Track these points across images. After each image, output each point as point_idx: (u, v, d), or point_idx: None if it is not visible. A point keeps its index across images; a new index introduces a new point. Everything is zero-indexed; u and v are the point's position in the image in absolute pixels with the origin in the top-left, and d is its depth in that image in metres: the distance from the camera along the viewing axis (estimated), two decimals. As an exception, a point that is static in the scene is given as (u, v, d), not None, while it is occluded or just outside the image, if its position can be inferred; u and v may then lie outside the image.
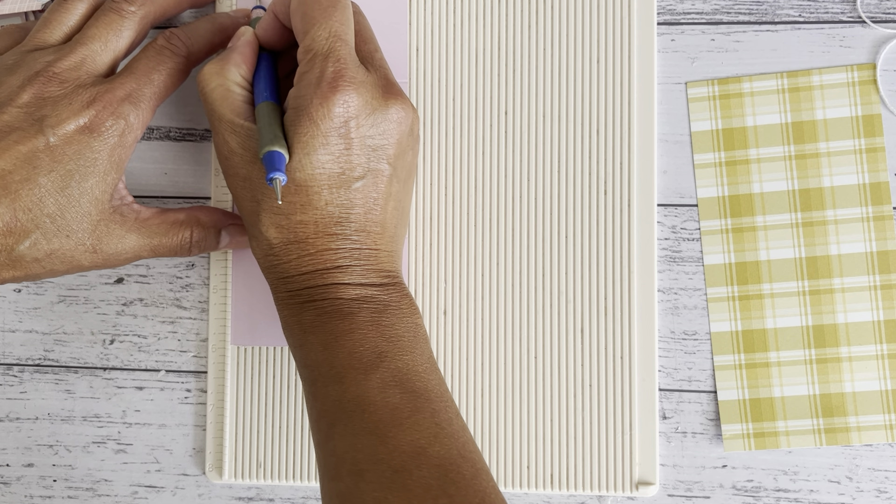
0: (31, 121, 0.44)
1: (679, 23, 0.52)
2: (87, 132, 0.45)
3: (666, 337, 0.51)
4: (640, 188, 0.51)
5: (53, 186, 0.44)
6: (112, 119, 0.45)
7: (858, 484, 0.50)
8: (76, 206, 0.45)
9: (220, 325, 0.53)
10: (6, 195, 0.43)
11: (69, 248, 0.45)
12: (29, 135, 0.44)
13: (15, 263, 0.45)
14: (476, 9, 0.52)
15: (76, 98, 0.45)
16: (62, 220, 0.45)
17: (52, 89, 0.45)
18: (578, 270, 0.51)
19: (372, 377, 0.43)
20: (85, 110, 0.45)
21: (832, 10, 0.51)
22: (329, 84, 0.43)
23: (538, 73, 0.51)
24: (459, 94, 0.52)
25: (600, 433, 0.51)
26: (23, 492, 0.55)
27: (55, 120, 0.44)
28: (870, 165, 0.50)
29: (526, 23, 0.52)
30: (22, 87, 0.45)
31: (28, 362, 0.55)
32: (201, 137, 0.54)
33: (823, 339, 0.50)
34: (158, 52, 0.47)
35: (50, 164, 0.44)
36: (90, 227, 0.46)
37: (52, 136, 0.44)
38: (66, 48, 0.46)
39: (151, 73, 0.47)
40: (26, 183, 0.43)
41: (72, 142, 0.44)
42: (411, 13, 0.52)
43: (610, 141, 0.51)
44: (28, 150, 0.44)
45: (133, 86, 0.46)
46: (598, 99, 0.51)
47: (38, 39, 0.47)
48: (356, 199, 0.44)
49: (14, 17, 0.54)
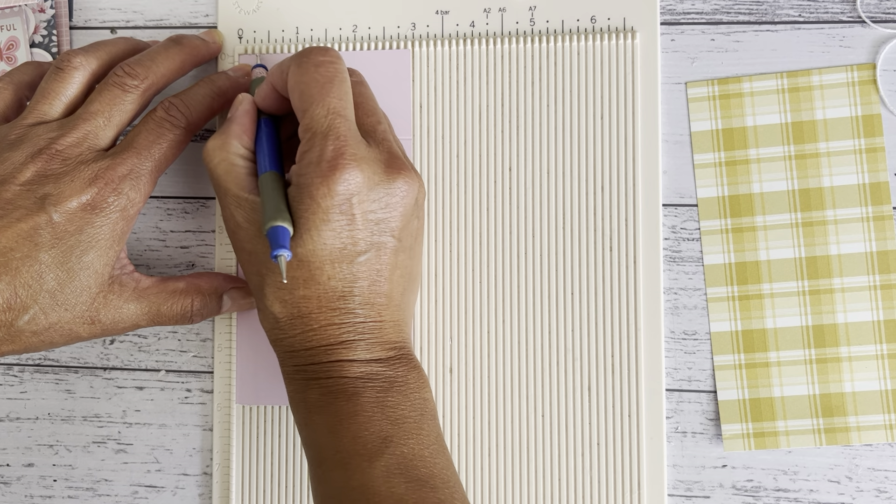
0: (33, 198, 0.44)
1: (679, 23, 0.52)
2: (90, 209, 0.45)
3: (666, 337, 0.51)
4: (646, 244, 0.51)
5: (54, 262, 0.44)
6: (114, 196, 0.45)
7: (858, 484, 0.50)
8: (76, 280, 0.45)
9: (224, 384, 0.53)
10: (6, 272, 0.43)
11: (68, 320, 0.45)
12: (31, 212, 0.44)
13: (14, 338, 0.45)
14: (478, 65, 0.52)
15: (78, 175, 0.45)
16: (62, 295, 0.45)
17: (55, 167, 0.45)
18: (585, 326, 0.51)
19: (377, 465, 0.42)
20: (87, 188, 0.45)
21: (832, 10, 0.51)
22: (329, 163, 0.42)
23: (540, 129, 0.51)
24: (462, 151, 0.52)
25: (609, 495, 0.50)
26: (23, 491, 0.55)
27: (58, 197, 0.44)
28: (869, 165, 0.50)
29: (528, 79, 0.52)
30: (24, 164, 0.45)
31: (28, 362, 0.55)
32: (201, 138, 0.54)
33: (823, 339, 0.50)
34: (158, 125, 0.47)
35: (51, 240, 0.44)
36: (89, 300, 0.46)
37: (55, 213, 0.44)
38: (69, 124, 0.46)
39: (152, 148, 0.47)
40: (27, 259, 0.44)
41: (74, 219, 0.44)
42: (414, 70, 0.52)
43: (615, 200, 0.51)
44: (30, 228, 0.44)
45: (134, 161, 0.46)
46: (604, 154, 0.51)
47: (39, 112, 0.47)
48: (360, 272, 0.44)
49: (11, 14, 0.54)
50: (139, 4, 0.55)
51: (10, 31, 0.54)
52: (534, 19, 0.52)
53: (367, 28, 0.53)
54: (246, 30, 0.53)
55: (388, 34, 0.53)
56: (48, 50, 0.54)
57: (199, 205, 0.54)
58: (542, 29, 0.52)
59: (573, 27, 0.52)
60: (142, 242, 0.54)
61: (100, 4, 0.55)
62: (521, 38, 0.52)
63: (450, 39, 0.52)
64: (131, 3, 0.55)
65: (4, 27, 0.54)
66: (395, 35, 0.53)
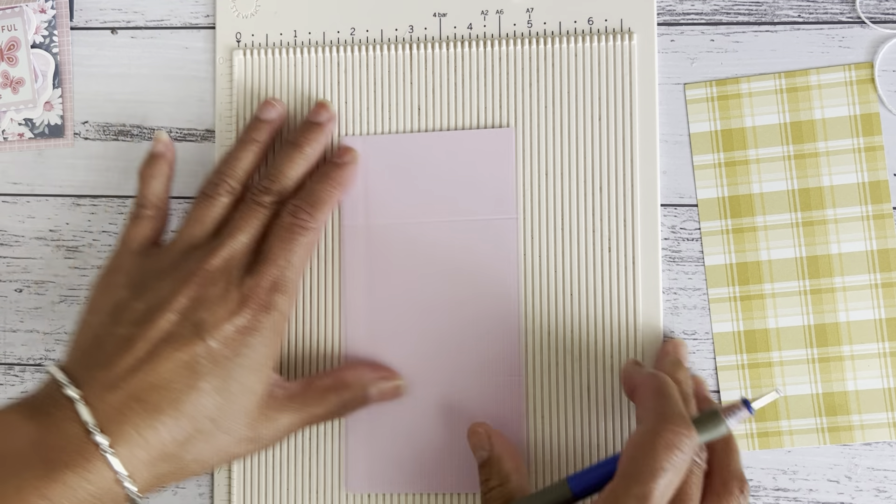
0: (188, 325, 0.45)
1: (678, 23, 0.52)
2: (244, 331, 0.45)
3: (666, 337, 0.51)
4: (644, 245, 0.51)
5: (214, 389, 0.44)
6: (264, 314, 0.46)
7: (858, 483, 0.50)
8: (235, 404, 0.45)
9: None
10: (170, 405, 0.43)
11: (228, 443, 0.45)
12: (189, 341, 0.44)
13: (181, 470, 0.45)
14: (476, 68, 0.52)
15: (229, 297, 0.45)
16: (223, 421, 0.45)
17: (205, 291, 0.45)
18: (585, 326, 0.51)
19: None
20: (239, 310, 0.45)
21: (831, 10, 0.51)
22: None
23: (539, 130, 0.52)
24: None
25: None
26: (23, 492, 0.55)
27: (212, 324, 0.45)
28: (869, 164, 0.50)
29: (526, 80, 0.52)
30: (177, 290, 0.45)
31: (29, 362, 0.55)
32: (201, 138, 0.55)
33: (825, 338, 0.50)
34: (289, 231, 0.48)
35: (210, 367, 0.44)
36: (249, 420, 0.46)
37: (211, 340, 0.44)
38: (216, 245, 0.47)
39: (289, 256, 0.47)
40: (188, 390, 0.44)
41: (230, 343, 0.45)
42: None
43: (614, 201, 0.51)
44: (189, 357, 0.44)
45: (276, 273, 0.47)
46: (602, 155, 0.51)
47: (188, 236, 0.48)
48: None
49: (11, 14, 0.54)
50: (139, 5, 0.55)
51: (10, 32, 0.55)
52: (531, 21, 0.52)
53: (365, 31, 0.53)
54: (244, 33, 0.54)
55: (385, 37, 0.53)
56: (49, 50, 0.55)
57: (200, 205, 0.54)
58: (540, 31, 0.52)
59: (570, 28, 0.52)
60: None
61: (100, 5, 0.55)
62: (518, 40, 0.52)
63: (447, 42, 0.52)
64: (132, 4, 0.55)
65: (5, 27, 0.55)
66: (392, 38, 0.53)
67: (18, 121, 0.55)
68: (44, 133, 0.55)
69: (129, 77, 0.55)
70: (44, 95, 0.55)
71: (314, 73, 0.53)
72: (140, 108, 0.55)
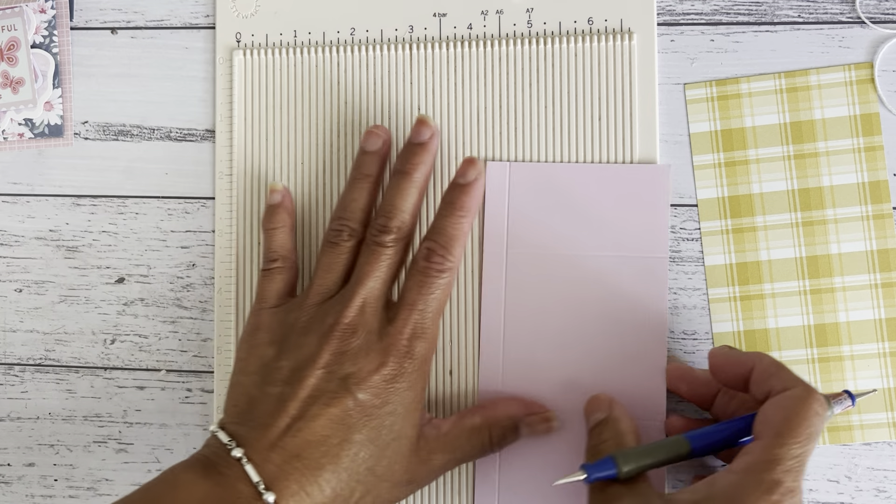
0: (335, 380, 0.45)
1: (678, 23, 0.52)
2: (390, 380, 0.46)
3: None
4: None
5: (368, 439, 0.45)
6: (408, 360, 0.46)
7: (857, 483, 0.50)
8: (390, 451, 0.46)
9: (224, 384, 0.53)
10: (329, 461, 0.44)
11: (388, 489, 0.46)
12: (338, 396, 0.45)
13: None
14: (476, 68, 0.52)
15: (371, 348, 0.46)
16: (380, 469, 0.45)
17: (347, 344, 0.46)
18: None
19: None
20: (383, 361, 0.46)
21: (831, 10, 0.51)
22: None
23: (539, 130, 0.52)
24: (462, 151, 0.52)
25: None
26: (24, 491, 0.55)
27: (359, 377, 0.45)
28: (868, 164, 0.50)
29: (526, 80, 0.52)
30: (320, 346, 0.46)
31: (29, 362, 0.55)
32: (201, 137, 0.55)
33: (825, 338, 0.50)
34: (425, 275, 0.48)
35: (361, 419, 0.45)
36: (405, 465, 0.46)
37: (360, 392, 0.45)
38: (348, 294, 0.47)
39: (426, 299, 0.47)
40: (344, 444, 0.44)
41: (378, 394, 0.45)
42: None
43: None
44: (340, 412, 0.45)
45: (416, 318, 0.47)
46: (602, 155, 0.51)
47: (321, 287, 0.49)
48: None
49: (11, 14, 0.54)
50: (139, 5, 0.55)
51: (10, 32, 0.55)
52: (531, 21, 0.52)
53: (365, 31, 0.53)
54: (244, 33, 0.54)
55: (385, 37, 0.53)
56: (48, 50, 0.55)
57: (200, 205, 0.54)
58: (540, 31, 0.52)
59: (570, 29, 0.52)
60: (142, 242, 0.55)
61: (100, 5, 0.55)
62: (518, 40, 0.52)
63: (447, 42, 0.52)
64: (132, 4, 0.55)
65: (5, 27, 0.55)
66: (392, 38, 0.53)
67: (18, 121, 0.55)
68: (44, 133, 0.55)
69: (129, 77, 0.55)
70: (44, 95, 0.55)
71: (314, 73, 0.53)
72: (140, 108, 0.55)
